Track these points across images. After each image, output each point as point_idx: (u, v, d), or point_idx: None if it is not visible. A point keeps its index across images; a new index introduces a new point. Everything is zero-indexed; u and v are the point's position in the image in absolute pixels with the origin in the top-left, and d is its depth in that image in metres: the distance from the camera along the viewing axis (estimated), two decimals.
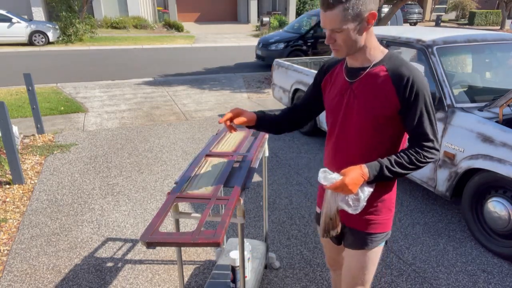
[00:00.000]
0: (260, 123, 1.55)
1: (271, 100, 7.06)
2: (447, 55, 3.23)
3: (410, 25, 24.15)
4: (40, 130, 5.12)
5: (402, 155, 1.29)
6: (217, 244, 1.27)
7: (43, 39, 14.16)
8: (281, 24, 19.57)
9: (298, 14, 23.53)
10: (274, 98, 5.97)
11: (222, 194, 1.70)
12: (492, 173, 2.62)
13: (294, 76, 5.15)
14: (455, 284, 2.44)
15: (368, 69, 1.31)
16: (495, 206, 2.64)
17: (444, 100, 2.96)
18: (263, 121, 1.55)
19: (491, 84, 3.36)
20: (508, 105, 2.79)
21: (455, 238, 2.90)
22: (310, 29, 9.91)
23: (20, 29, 13.73)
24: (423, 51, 3.18)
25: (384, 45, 3.29)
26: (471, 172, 2.81)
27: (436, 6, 29.69)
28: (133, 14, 20.87)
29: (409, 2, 25.16)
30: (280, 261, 2.66)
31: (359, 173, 1.24)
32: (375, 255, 1.48)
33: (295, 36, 9.98)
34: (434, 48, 3.14)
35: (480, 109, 2.86)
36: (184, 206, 3.31)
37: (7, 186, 3.72)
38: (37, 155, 4.44)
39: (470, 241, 2.87)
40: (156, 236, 1.30)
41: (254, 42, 15.60)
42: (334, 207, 1.32)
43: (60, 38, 14.77)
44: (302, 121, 1.60)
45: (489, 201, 2.70)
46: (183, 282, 1.75)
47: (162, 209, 1.44)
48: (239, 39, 17.58)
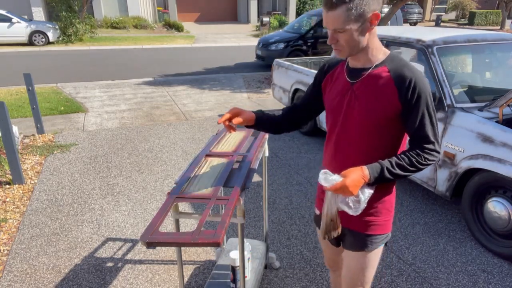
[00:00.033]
0: (259, 123, 1.54)
1: (271, 100, 7.06)
2: (447, 55, 3.23)
3: (410, 25, 24.15)
4: (40, 130, 5.12)
5: (403, 157, 1.28)
6: (217, 244, 1.27)
7: (43, 39, 14.16)
8: (281, 24, 19.57)
9: (298, 14, 23.53)
10: (274, 98, 5.97)
11: (222, 194, 1.70)
12: (492, 173, 2.62)
13: (294, 76, 5.15)
14: (455, 284, 2.44)
15: (370, 70, 1.31)
16: (495, 206, 2.64)
17: (444, 100, 2.96)
18: (262, 121, 1.54)
19: (491, 84, 3.36)
20: (508, 105, 2.79)
21: (455, 238, 2.90)
22: (310, 29, 9.91)
23: (20, 29, 13.73)
24: (423, 51, 3.18)
25: (384, 45, 3.29)
26: (471, 172, 2.81)
27: (436, 6, 29.69)
28: (133, 14, 20.88)
29: (409, 2, 25.16)
30: (280, 261, 2.66)
31: (359, 175, 1.22)
32: (374, 257, 1.48)
33: (295, 36, 9.98)
34: (434, 48, 3.14)
35: (480, 109, 2.86)
36: (184, 206, 3.31)
37: (7, 186, 3.72)
38: (37, 155, 4.44)
39: (470, 241, 2.87)
40: (156, 236, 1.30)
41: (254, 42, 15.61)
42: (334, 208, 1.32)
43: (60, 38, 14.77)
44: (301, 121, 1.60)
45: (489, 201, 2.70)
46: (183, 282, 1.75)
47: (162, 209, 1.44)
48: (239, 39, 17.58)
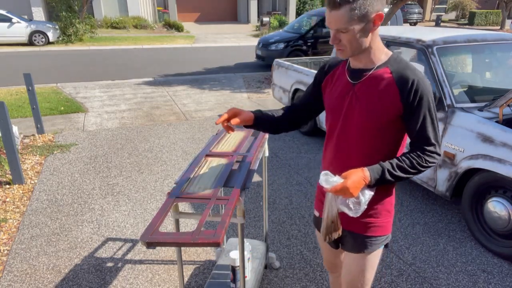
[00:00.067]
0: (258, 123, 1.52)
1: (271, 100, 7.06)
2: (447, 55, 3.23)
3: (410, 25, 24.15)
4: (40, 130, 5.12)
5: (404, 159, 1.27)
6: (217, 244, 1.27)
7: (43, 39, 14.16)
8: (281, 24, 19.57)
9: (298, 14, 23.53)
10: (274, 98, 5.97)
11: (222, 194, 1.70)
12: (492, 173, 2.62)
13: (294, 76, 5.15)
14: (455, 284, 2.44)
15: (372, 71, 1.30)
16: (495, 206, 2.64)
17: (444, 100, 2.96)
18: (260, 121, 1.52)
19: (491, 84, 3.36)
20: (508, 105, 2.79)
21: (455, 238, 2.90)
22: (310, 29, 9.91)
23: (20, 29, 13.73)
24: (423, 51, 3.18)
25: (384, 45, 3.29)
26: (471, 172, 2.81)
27: (436, 6, 29.69)
28: (133, 14, 20.88)
29: (409, 2, 25.17)
30: (280, 261, 2.66)
31: (360, 177, 1.22)
32: (374, 258, 1.47)
33: (295, 36, 9.98)
34: (434, 48, 3.14)
35: (480, 109, 2.86)
36: (184, 206, 3.31)
37: (7, 186, 3.72)
38: (37, 155, 4.44)
39: (470, 241, 2.87)
40: (156, 236, 1.30)
41: (254, 42, 15.61)
42: (335, 210, 1.31)
43: (60, 38, 14.77)
44: (301, 121, 1.58)
45: (489, 201, 2.70)
46: (183, 282, 1.75)
47: (162, 209, 1.44)
48: (239, 39, 17.58)
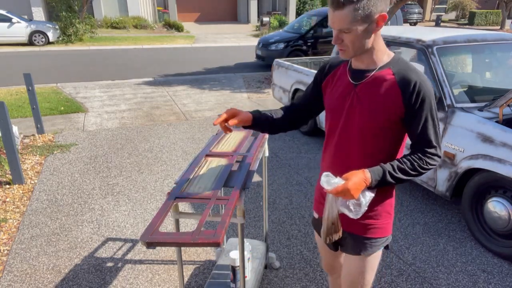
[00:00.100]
0: (256, 123, 1.50)
1: (271, 100, 7.06)
2: (447, 55, 3.23)
3: (410, 25, 24.15)
4: (40, 130, 5.12)
5: (405, 161, 1.27)
6: (217, 244, 1.27)
7: (43, 39, 14.16)
8: (281, 24, 19.57)
9: (298, 14, 23.53)
10: (274, 98, 5.97)
11: (222, 194, 1.70)
12: (492, 173, 2.62)
13: (294, 76, 5.15)
14: (455, 284, 2.44)
15: (374, 72, 1.29)
16: (495, 206, 2.64)
17: (444, 100, 2.96)
18: (259, 121, 1.50)
19: (491, 84, 3.36)
20: (508, 105, 2.79)
21: (455, 238, 2.90)
22: (310, 29, 9.91)
23: (20, 29, 13.73)
24: (423, 51, 3.18)
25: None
26: (471, 172, 2.81)
27: (436, 6, 29.69)
28: (133, 14, 20.87)
29: (409, 2, 25.16)
30: (280, 261, 2.66)
31: (361, 178, 1.21)
32: (374, 260, 1.47)
33: (295, 36, 9.98)
34: (434, 48, 3.14)
35: (480, 109, 2.86)
36: (184, 206, 3.31)
37: (7, 186, 3.72)
38: (37, 155, 4.44)
39: (470, 241, 2.87)
40: (156, 236, 1.30)
41: (254, 42, 15.61)
42: (335, 211, 1.31)
43: (60, 38, 14.77)
44: (300, 121, 1.57)
45: (489, 201, 2.70)
46: (183, 282, 1.75)
47: (162, 209, 1.44)
48: (239, 39, 17.58)
